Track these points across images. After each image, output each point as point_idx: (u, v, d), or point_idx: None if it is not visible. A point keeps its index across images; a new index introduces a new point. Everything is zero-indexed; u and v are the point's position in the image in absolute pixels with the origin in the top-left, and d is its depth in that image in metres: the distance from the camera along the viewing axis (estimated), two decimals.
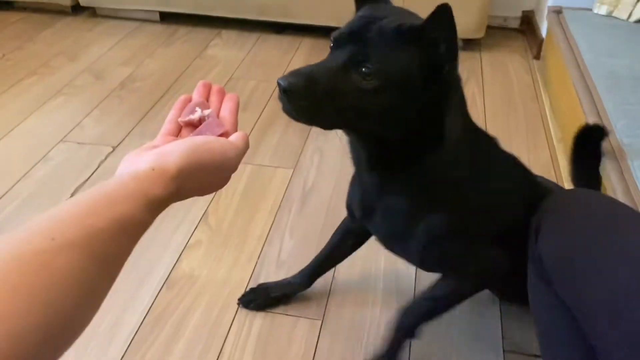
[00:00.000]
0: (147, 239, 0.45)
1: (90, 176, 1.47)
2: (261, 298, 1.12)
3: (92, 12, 2.41)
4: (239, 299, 1.13)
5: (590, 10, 1.86)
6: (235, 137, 0.58)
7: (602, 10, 1.82)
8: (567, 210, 0.72)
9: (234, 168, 0.58)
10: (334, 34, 0.71)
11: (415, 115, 0.71)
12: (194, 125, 0.61)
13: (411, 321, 0.97)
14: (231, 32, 2.27)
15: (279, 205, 1.38)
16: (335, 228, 1.17)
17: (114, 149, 1.58)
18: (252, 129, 1.67)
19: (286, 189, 1.43)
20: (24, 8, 2.43)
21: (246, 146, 0.59)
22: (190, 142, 0.54)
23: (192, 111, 0.61)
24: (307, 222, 1.34)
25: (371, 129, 0.73)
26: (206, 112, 0.62)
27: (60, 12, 2.41)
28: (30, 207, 1.36)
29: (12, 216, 1.34)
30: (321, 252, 1.12)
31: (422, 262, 0.93)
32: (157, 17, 2.34)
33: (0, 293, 0.33)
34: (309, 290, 1.15)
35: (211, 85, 0.66)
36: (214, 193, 1.39)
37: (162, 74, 1.97)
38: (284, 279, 1.15)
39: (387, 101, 0.69)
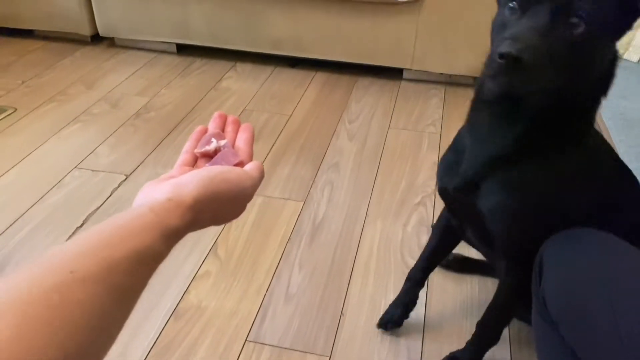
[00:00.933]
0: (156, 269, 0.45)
1: (102, 204, 1.48)
2: (395, 316, 1.13)
3: (111, 42, 2.46)
4: (378, 324, 1.15)
5: None
6: (250, 167, 0.59)
7: None
8: (574, 251, 0.72)
9: (249, 197, 0.58)
10: None
11: (606, 58, 0.73)
12: (209, 156, 0.62)
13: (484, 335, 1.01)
14: (246, 64, 2.31)
15: (289, 238, 1.39)
16: (345, 263, 1.17)
17: (127, 177, 1.60)
18: (264, 161, 1.68)
19: (296, 222, 1.44)
20: (44, 37, 2.50)
21: (261, 176, 0.60)
22: (206, 173, 0.55)
23: (208, 142, 0.63)
24: (317, 255, 1.34)
25: (569, 81, 0.71)
26: (222, 142, 0.63)
27: (79, 41, 2.46)
28: (43, 232, 1.38)
29: (24, 240, 1.35)
30: (423, 254, 1.12)
31: (509, 236, 0.87)
32: (174, 48, 2.39)
33: (21, 326, 0.33)
34: (317, 324, 1.14)
35: (226, 116, 0.67)
36: (223, 225, 1.40)
37: (177, 105, 2.00)
38: (400, 293, 1.15)
39: (597, 43, 0.69)
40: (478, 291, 1.26)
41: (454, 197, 0.90)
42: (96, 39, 2.46)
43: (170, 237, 0.49)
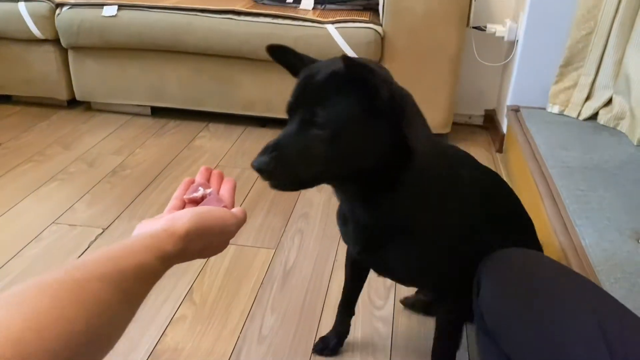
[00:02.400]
0: None
1: (80, 256, 1.54)
2: (328, 347, 1.24)
3: (87, 106, 2.57)
4: (314, 349, 1.25)
5: (544, 109, 2.06)
6: (235, 210, 0.70)
7: (555, 109, 2.03)
8: (505, 268, 0.82)
9: (232, 234, 0.69)
10: (286, 107, 0.80)
11: (380, 142, 0.79)
12: (196, 202, 0.72)
13: None
14: (219, 124, 2.43)
15: (261, 283, 1.46)
16: (315, 305, 1.25)
17: (103, 230, 1.66)
18: None
19: (268, 268, 1.51)
20: (22, 102, 2.58)
21: (244, 217, 0.70)
22: (197, 210, 0.65)
23: (195, 190, 0.73)
24: (288, 299, 1.41)
25: (347, 170, 0.80)
26: (207, 190, 0.73)
27: (56, 105, 2.56)
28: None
29: (2, 292, 1.38)
30: (344, 289, 1.22)
31: (421, 276, 1.00)
32: (148, 111, 2.51)
33: (56, 300, 0.42)
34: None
35: (211, 170, 0.78)
36: (198, 271, 1.47)
37: (151, 163, 2.09)
38: (333, 327, 1.25)
39: (348, 140, 0.77)
40: None
41: (358, 253, 1.01)
42: (72, 103, 2.56)
43: (165, 260, 0.58)
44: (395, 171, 0.82)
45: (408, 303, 1.38)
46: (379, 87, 0.75)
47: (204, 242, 0.64)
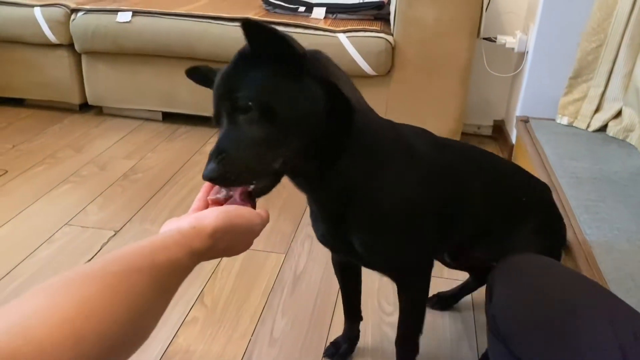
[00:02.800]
0: None
1: (92, 257, 1.55)
2: (338, 352, 1.24)
3: (99, 110, 2.60)
4: (325, 354, 1.25)
5: (554, 120, 2.07)
6: (259, 210, 0.72)
7: (564, 120, 2.04)
8: (518, 274, 0.83)
9: (257, 233, 0.70)
10: (212, 120, 0.77)
11: (314, 105, 0.74)
12: (219, 203, 0.73)
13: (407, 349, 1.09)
14: None
15: (272, 287, 1.47)
16: (325, 310, 1.25)
17: (115, 233, 1.67)
18: None
19: (278, 272, 1.52)
20: (34, 105, 2.62)
21: (268, 218, 0.72)
22: (225, 209, 0.67)
23: (219, 191, 0.74)
24: (298, 303, 1.42)
25: (296, 146, 0.75)
26: (231, 192, 0.74)
27: (68, 109, 2.59)
28: (33, 286, 1.42)
29: (14, 294, 1.40)
30: (342, 295, 1.23)
31: (377, 254, 0.96)
32: (159, 116, 2.53)
33: (105, 290, 0.44)
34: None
35: None
36: (209, 275, 1.48)
37: (162, 167, 2.11)
38: (343, 332, 1.26)
39: (281, 112, 0.71)
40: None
41: (332, 245, 1.03)
42: (84, 107, 2.59)
43: (194, 256, 0.60)
44: (341, 130, 0.79)
45: (433, 301, 1.41)
46: (289, 42, 0.71)
47: (230, 241, 0.66)
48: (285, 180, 0.88)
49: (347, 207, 0.89)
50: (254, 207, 0.74)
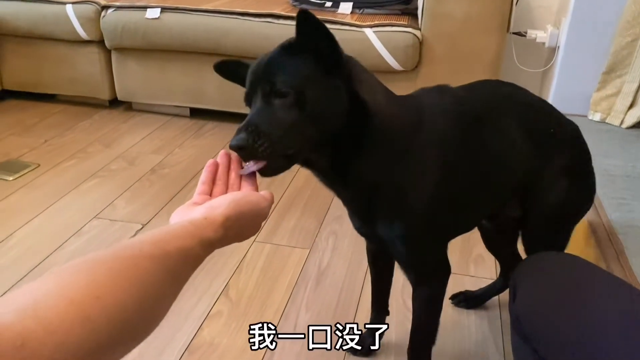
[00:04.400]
0: (171, 308, 0.54)
1: None
2: (363, 347, 1.21)
3: (128, 106, 2.63)
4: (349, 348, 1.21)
5: (585, 116, 2.03)
6: (263, 192, 0.73)
7: (596, 117, 1.99)
8: (541, 272, 0.81)
9: (265, 216, 0.71)
10: (244, 98, 0.81)
11: (340, 101, 0.80)
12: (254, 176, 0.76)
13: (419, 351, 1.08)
14: None
15: (296, 282, 1.47)
16: (349, 305, 1.25)
17: (143, 226, 1.70)
18: (272, 212, 1.78)
19: (302, 267, 1.52)
20: (65, 101, 2.67)
21: (272, 199, 0.74)
22: (232, 197, 0.67)
23: (241, 167, 0.77)
24: (322, 298, 1.41)
25: (320, 132, 0.80)
26: (249, 164, 0.76)
27: (98, 105, 2.63)
28: None
29: None
30: (372, 285, 1.22)
31: (403, 247, 0.96)
32: (187, 112, 2.56)
33: (113, 275, 0.44)
34: (326, 358, 1.21)
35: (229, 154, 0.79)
36: (234, 269, 1.49)
37: (189, 163, 2.13)
38: (371, 321, 1.25)
39: (313, 99, 0.77)
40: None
41: (367, 235, 1.06)
42: (114, 102, 2.63)
43: (206, 246, 0.60)
44: (360, 130, 0.83)
45: (454, 302, 1.40)
46: (336, 41, 0.77)
47: (241, 227, 0.66)
48: (309, 177, 0.89)
49: (372, 202, 0.91)
50: (256, 188, 0.75)
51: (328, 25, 0.78)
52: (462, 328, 1.34)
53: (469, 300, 1.40)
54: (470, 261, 1.58)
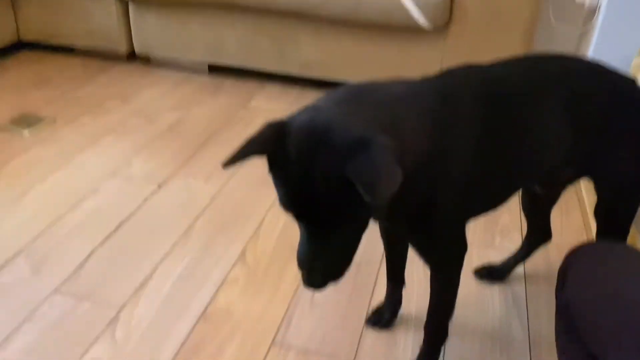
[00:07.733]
0: (187, 274, 0.49)
1: (135, 211, 1.54)
2: (382, 320, 1.22)
3: (146, 61, 2.57)
4: (368, 320, 1.22)
5: None
6: None
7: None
8: (593, 262, 0.75)
9: None
10: (283, 207, 0.74)
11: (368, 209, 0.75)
12: None
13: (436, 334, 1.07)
14: (274, 85, 2.38)
15: None
16: (368, 275, 1.20)
17: (159, 186, 1.66)
18: None
19: None
20: (83, 53, 2.61)
21: None
22: None
23: None
24: None
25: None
26: None
27: (116, 58, 2.57)
28: (78, 235, 1.43)
29: (60, 242, 1.41)
30: (386, 257, 1.19)
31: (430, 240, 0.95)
32: (205, 68, 2.49)
33: None
34: (342, 330, 1.18)
35: None
36: (250, 234, 1.45)
37: (207, 121, 2.08)
38: (385, 298, 1.23)
39: (362, 217, 0.78)
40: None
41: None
42: (131, 57, 2.57)
43: None
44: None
45: (477, 275, 1.36)
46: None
47: None
48: None
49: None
50: None
51: None
52: (486, 302, 1.29)
53: (493, 273, 1.36)
54: (497, 233, 1.52)
